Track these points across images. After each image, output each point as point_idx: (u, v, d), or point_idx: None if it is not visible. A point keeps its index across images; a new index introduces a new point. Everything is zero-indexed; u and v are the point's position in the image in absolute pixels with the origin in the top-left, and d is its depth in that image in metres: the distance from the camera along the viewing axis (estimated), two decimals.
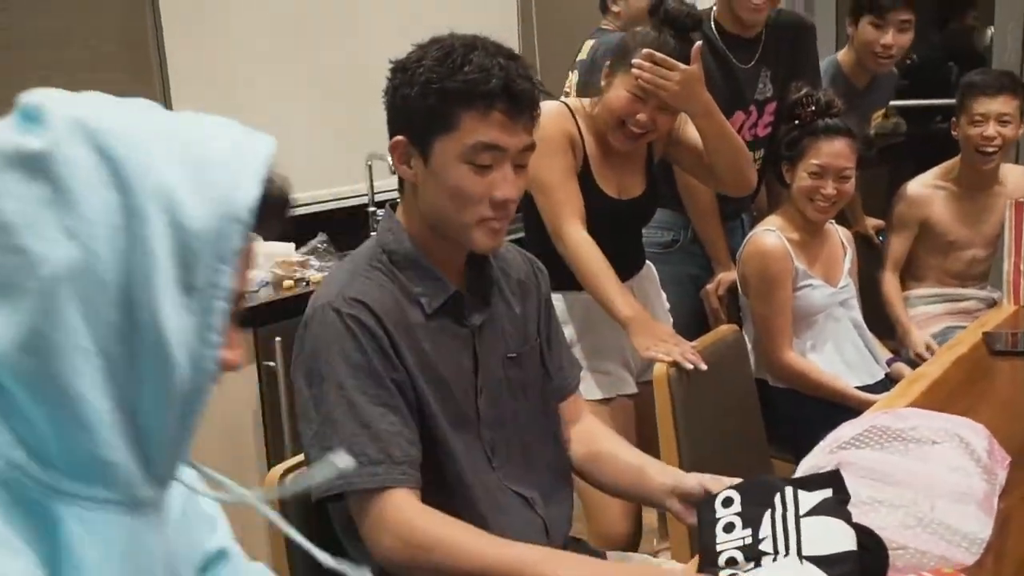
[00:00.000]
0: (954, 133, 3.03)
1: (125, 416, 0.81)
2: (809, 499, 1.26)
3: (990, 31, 5.14)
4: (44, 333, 0.77)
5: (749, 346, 2.53)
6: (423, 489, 1.41)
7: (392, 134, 1.48)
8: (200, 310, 0.83)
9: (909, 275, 3.16)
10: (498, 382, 1.55)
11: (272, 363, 2.85)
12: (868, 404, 2.38)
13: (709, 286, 2.77)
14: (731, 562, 1.23)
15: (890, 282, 3.06)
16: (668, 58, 2.13)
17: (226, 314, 0.85)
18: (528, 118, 1.44)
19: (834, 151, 2.47)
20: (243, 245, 0.85)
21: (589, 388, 2.32)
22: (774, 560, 1.20)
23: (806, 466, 1.57)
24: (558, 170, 2.20)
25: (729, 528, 1.27)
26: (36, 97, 0.82)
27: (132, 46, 3.15)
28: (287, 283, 2.99)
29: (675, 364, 2.01)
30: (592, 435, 1.72)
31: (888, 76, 3.37)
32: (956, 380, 2.09)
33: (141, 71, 3.20)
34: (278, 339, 2.82)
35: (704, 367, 2.02)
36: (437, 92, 1.39)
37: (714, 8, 2.80)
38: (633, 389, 2.38)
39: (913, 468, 1.44)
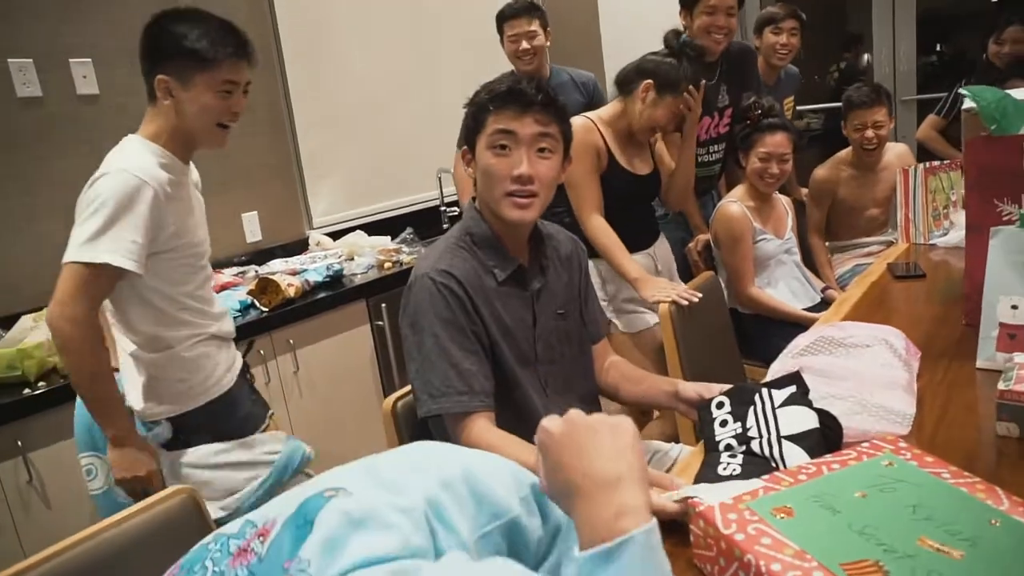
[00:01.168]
0: (845, 133, 3.00)
1: None
2: (779, 395, 1.25)
3: (867, 57, 5.15)
4: None
5: (723, 285, 2.56)
6: (498, 412, 1.40)
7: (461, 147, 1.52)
8: None
9: (829, 233, 3.12)
10: (551, 331, 1.54)
11: (381, 323, 2.89)
12: (812, 320, 2.40)
13: (691, 244, 2.77)
14: (728, 447, 1.21)
15: (816, 243, 3.05)
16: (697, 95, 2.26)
17: None
18: (538, 111, 1.40)
19: (776, 142, 2.48)
20: None
21: (624, 324, 2.35)
22: (759, 443, 1.18)
23: (773, 370, 1.55)
24: (581, 173, 2.21)
25: (724, 423, 1.25)
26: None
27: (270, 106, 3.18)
28: (387, 265, 3.02)
29: (674, 303, 2.02)
30: (619, 367, 1.70)
31: (791, 76, 3.35)
32: (872, 299, 2.09)
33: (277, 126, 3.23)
34: (384, 305, 2.87)
35: (697, 298, 2.03)
36: (474, 106, 1.43)
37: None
38: (656, 322, 2.39)
39: (853, 366, 1.43)
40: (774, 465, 1.15)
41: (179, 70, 1.64)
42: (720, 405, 1.29)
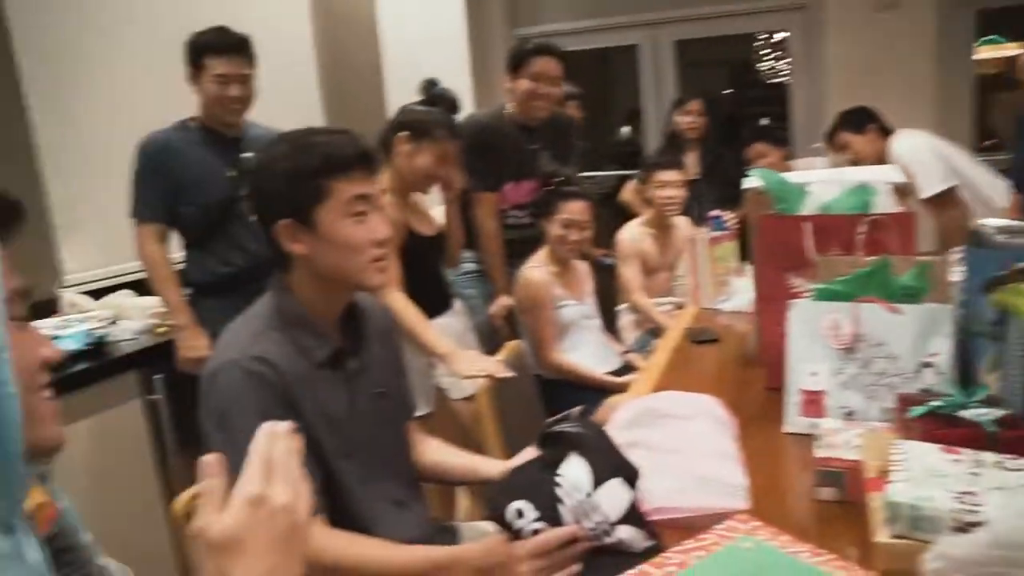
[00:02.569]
0: (643, 195, 3.18)
1: None
2: (578, 471, 1.14)
3: (625, 129, 5.67)
4: None
5: (526, 351, 2.57)
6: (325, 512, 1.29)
7: (272, 220, 1.32)
8: None
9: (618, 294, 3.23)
10: (368, 415, 1.42)
11: (155, 397, 2.55)
12: (616, 385, 2.48)
13: (493, 308, 2.77)
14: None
15: (643, 300, 3.05)
16: None
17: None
18: (375, 170, 1.36)
19: (576, 208, 2.55)
20: None
21: (459, 390, 2.28)
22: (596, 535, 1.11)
23: None
24: None
25: (537, 533, 1.12)
26: None
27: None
28: (160, 329, 2.71)
29: (490, 377, 1.96)
30: (432, 448, 1.62)
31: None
32: (676, 364, 2.17)
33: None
34: (158, 377, 2.57)
35: (511, 374, 2.00)
36: (304, 174, 1.28)
37: (508, 105, 2.85)
38: (454, 396, 2.35)
39: (681, 439, 1.44)
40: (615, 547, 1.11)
41: None
42: (520, 513, 1.13)
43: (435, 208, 2.53)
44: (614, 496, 1.13)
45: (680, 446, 1.42)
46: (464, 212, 2.65)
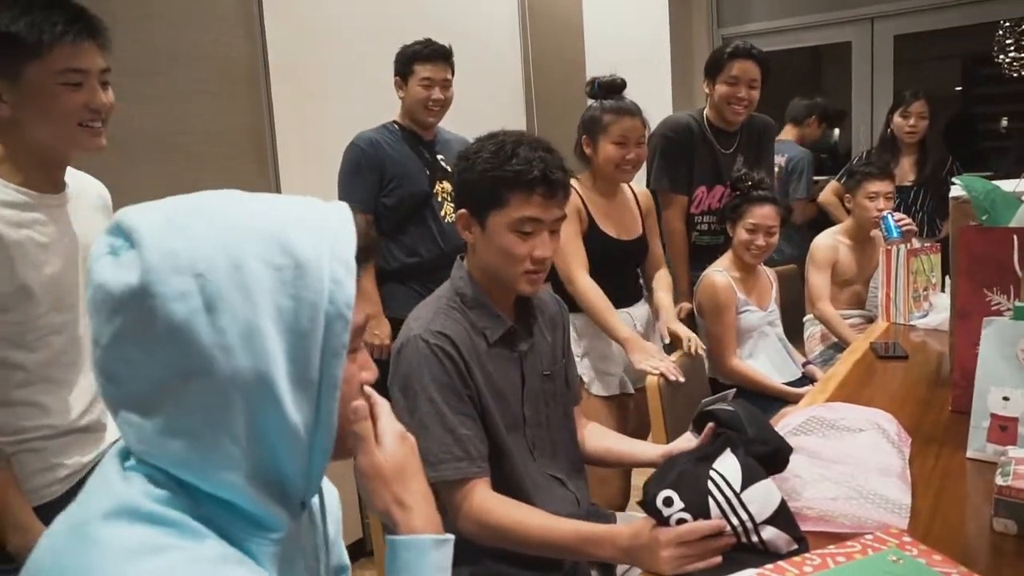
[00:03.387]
0: (848, 205, 3.06)
1: (266, 480, 0.73)
2: (730, 472, 1.15)
3: (836, 131, 5.36)
4: (208, 429, 0.69)
5: (704, 355, 2.56)
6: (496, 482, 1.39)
7: (457, 207, 1.47)
8: (317, 400, 0.72)
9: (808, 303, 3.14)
10: (537, 393, 1.53)
11: None
12: (792, 395, 2.42)
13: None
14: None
15: (827, 309, 2.96)
16: None
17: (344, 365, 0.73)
18: (561, 197, 1.44)
19: (763, 214, 2.51)
20: (348, 333, 0.73)
21: (598, 388, 2.33)
22: (736, 532, 1.12)
23: None
24: (568, 233, 2.21)
25: (681, 523, 1.14)
26: (129, 220, 0.70)
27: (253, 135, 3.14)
28: None
29: (662, 375, 2.01)
30: (599, 433, 1.69)
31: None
32: (856, 378, 2.10)
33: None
34: None
35: (683, 380, 2.02)
36: (492, 178, 1.39)
37: (706, 108, 2.86)
38: (631, 390, 2.38)
39: (846, 449, 1.42)
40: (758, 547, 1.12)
41: (2, 67, 1.30)
42: (668, 502, 1.16)
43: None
44: (764, 496, 1.14)
45: (845, 457, 1.40)
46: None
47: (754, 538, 1.12)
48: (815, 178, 5.00)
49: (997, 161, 4.22)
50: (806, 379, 2.60)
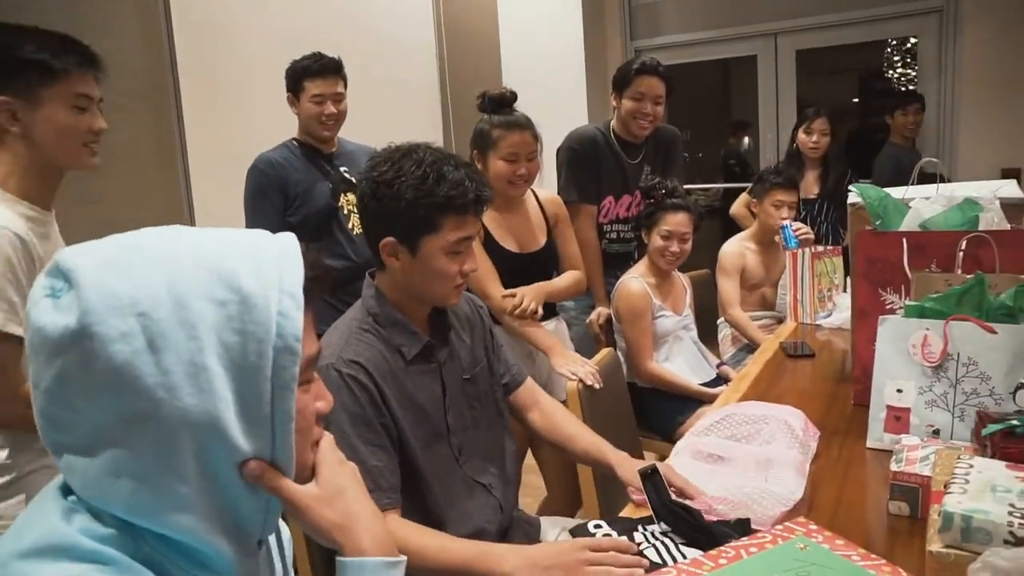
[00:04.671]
0: (755, 211, 3.19)
1: (220, 519, 0.73)
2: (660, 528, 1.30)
3: (746, 140, 5.64)
4: (156, 471, 0.68)
5: (622, 359, 2.62)
6: (405, 502, 1.38)
7: (380, 234, 1.43)
8: (272, 434, 0.73)
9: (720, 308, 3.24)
10: (460, 399, 1.53)
11: None
12: (708, 395, 2.51)
13: (592, 316, 2.81)
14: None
15: (737, 314, 3.07)
16: None
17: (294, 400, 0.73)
18: (483, 212, 1.46)
19: (677, 221, 2.59)
20: (298, 366, 0.73)
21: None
22: (655, 551, 1.23)
23: (678, 448, 1.62)
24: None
25: (608, 536, 1.30)
26: (67, 261, 0.69)
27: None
28: None
29: (581, 381, 2.04)
30: (555, 414, 1.71)
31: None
32: (767, 376, 2.20)
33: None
34: None
35: (600, 385, 2.06)
36: (424, 205, 1.37)
37: (612, 121, 2.92)
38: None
39: (748, 450, 1.50)
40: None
41: (21, 89, 1.46)
42: (598, 527, 1.32)
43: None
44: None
45: (746, 454, 1.48)
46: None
47: (672, 551, 1.21)
48: (725, 186, 5.18)
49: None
50: (720, 379, 2.69)
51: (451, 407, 1.51)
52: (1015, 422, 1.24)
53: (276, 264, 0.74)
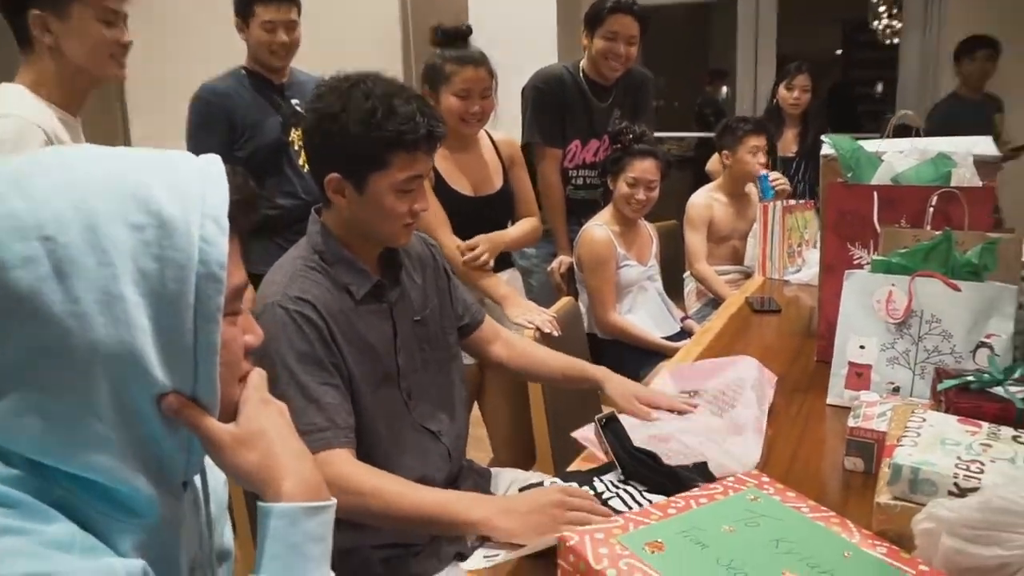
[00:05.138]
0: (725, 160, 3.19)
1: (140, 457, 0.71)
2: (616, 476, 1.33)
3: (724, 90, 5.66)
4: (68, 407, 0.66)
5: (583, 310, 2.64)
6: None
7: (325, 170, 1.41)
8: (194, 368, 0.71)
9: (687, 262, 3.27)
10: (411, 341, 1.53)
11: None
12: (670, 349, 2.54)
13: (554, 265, 2.83)
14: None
15: (704, 269, 3.10)
16: None
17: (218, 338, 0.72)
18: (436, 150, 1.44)
19: (644, 167, 2.59)
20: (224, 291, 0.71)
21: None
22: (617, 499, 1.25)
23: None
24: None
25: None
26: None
27: None
28: None
29: (538, 329, 2.06)
30: (520, 342, 1.78)
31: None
32: (732, 330, 2.23)
33: None
34: None
35: (558, 334, 2.08)
36: (373, 140, 1.35)
37: (583, 60, 2.89)
38: (468, 360, 2.38)
39: (706, 420, 1.53)
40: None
41: (53, 3, 1.65)
42: (553, 483, 1.34)
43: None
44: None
45: (701, 427, 1.50)
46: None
47: (637, 498, 1.24)
48: (700, 135, 5.17)
49: (871, 126, 4.51)
50: (684, 333, 2.73)
51: (402, 348, 1.51)
52: (970, 378, 1.28)
53: (198, 186, 0.72)
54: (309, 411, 1.31)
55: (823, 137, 2.01)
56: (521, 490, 1.40)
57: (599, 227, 2.64)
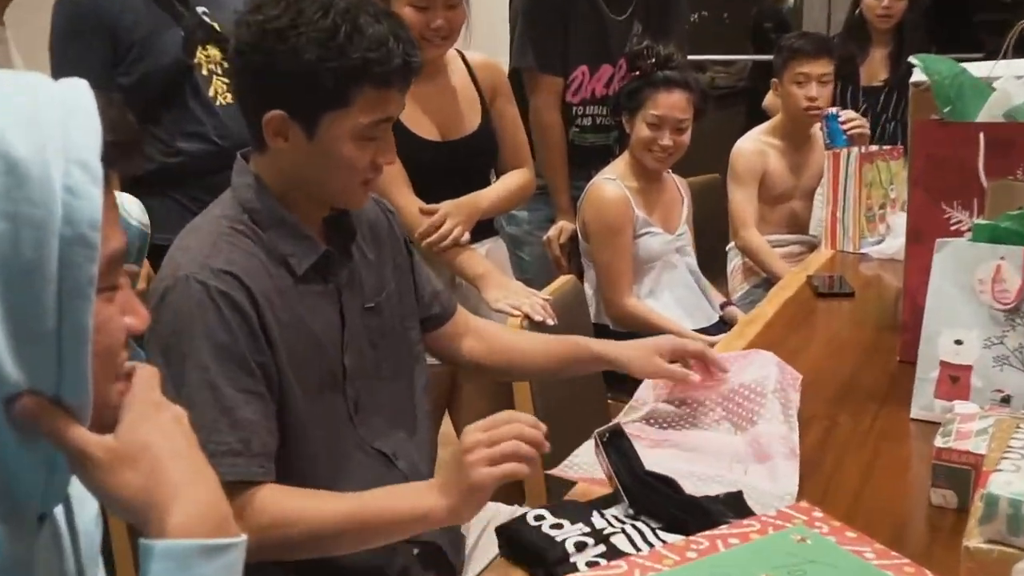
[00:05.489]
0: (776, 92, 3.21)
1: None
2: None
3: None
4: None
5: (590, 292, 2.64)
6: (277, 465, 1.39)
7: (264, 106, 1.40)
8: (58, 359, 0.72)
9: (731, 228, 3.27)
10: (360, 334, 1.54)
11: None
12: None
13: (551, 233, 2.84)
14: (579, 546, 1.25)
15: (753, 237, 3.11)
16: None
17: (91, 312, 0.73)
18: (408, 87, 1.45)
19: (671, 103, 2.58)
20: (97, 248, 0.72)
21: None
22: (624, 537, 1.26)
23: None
24: None
25: (557, 527, 1.30)
26: None
27: None
28: None
29: (526, 317, 2.06)
30: (497, 331, 1.82)
31: None
32: (785, 320, 2.23)
33: None
34: None
35: (553, 322, 2.08)
36: (331, 72, 1.35)
37: None
38: (430, 360, 2.39)
39: (724, 440, 1.57)
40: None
41: None
42: (539, 518, 1.33)
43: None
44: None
45: (717, 445, 1.55)
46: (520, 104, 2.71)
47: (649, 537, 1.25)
48: (757, 58, 5.14)
49: (993, 40, 4.47)
50: (724, 324, 2.73)
51: (350, 344, 1.52)
52: None
53: (58, 121, 0.72)
54: (220, 424, 1.32)
55: (912, 58, 2.02)
56: (498, 529, 1.42)
57: (611, 182, 2.64)
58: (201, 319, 1.33)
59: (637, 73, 2.66)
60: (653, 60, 2.62)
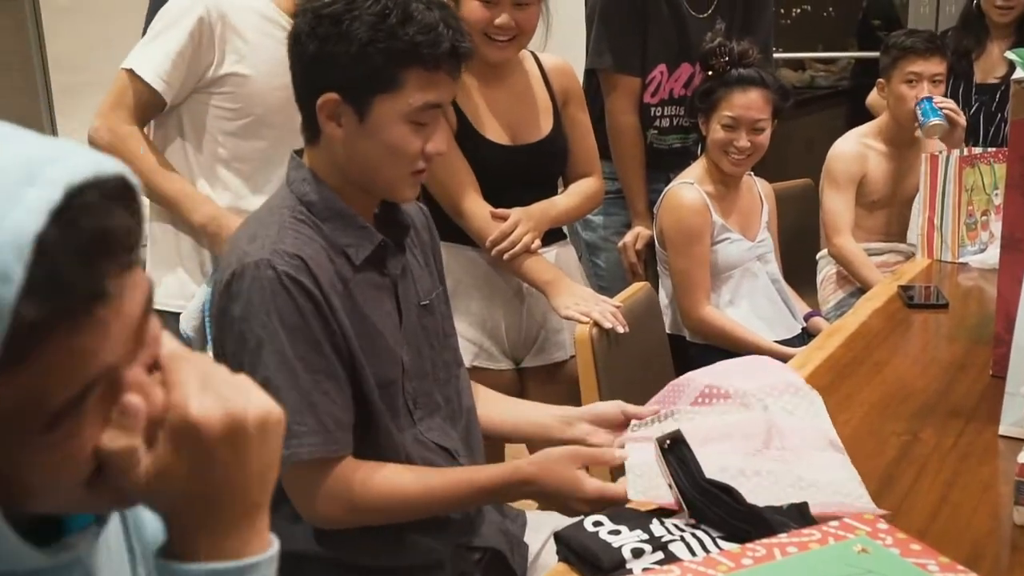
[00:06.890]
0: (881, 93, 3.19)
1: None
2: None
3: None
4: None
5: (666, 301, 2.66)
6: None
7: (317, 90, 1.50)
8: None
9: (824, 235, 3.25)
10: (416, 331, 1.62)
11: None
12: (786, 358, 2.54)
13: (627, 239, 2.86)
14: (637, 553, 1.27)
15: (847, 245, 3.10)
16: None
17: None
18: (461, 73, 1.54)
19: (747, 102, 2.60)
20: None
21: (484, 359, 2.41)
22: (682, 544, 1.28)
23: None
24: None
25: (616, 533, 1.33)
26: None
27: None
28: None
29: (596, 324, 2.08)
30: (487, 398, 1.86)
31: None
32: (872, 332, 2.22)
33: None
34: None
35: (624, 329, 2.11)
36: (382, 52, 1.44)
37: None
38: (499, 366, 2.43)
39: (760, 419, 1.59)
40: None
41: None
42: (597, 524, 1.37)
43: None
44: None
45: (764, 429, 1.56)
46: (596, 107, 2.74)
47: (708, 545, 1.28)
48: (861, 55, 5.06)
49: None
50: (809, 336, 2.71)
51: (408, 340, 1.60)
52: None
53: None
54: (301, 407, 1.42)
55: (1008, 54, 2.01)
56: (557, 535, 1.45)
57: (689, 187, 2.65)
58: (275, 303, 1.43)
59: (711, 72, 2.66)
60: (727, 58, 2.62)
